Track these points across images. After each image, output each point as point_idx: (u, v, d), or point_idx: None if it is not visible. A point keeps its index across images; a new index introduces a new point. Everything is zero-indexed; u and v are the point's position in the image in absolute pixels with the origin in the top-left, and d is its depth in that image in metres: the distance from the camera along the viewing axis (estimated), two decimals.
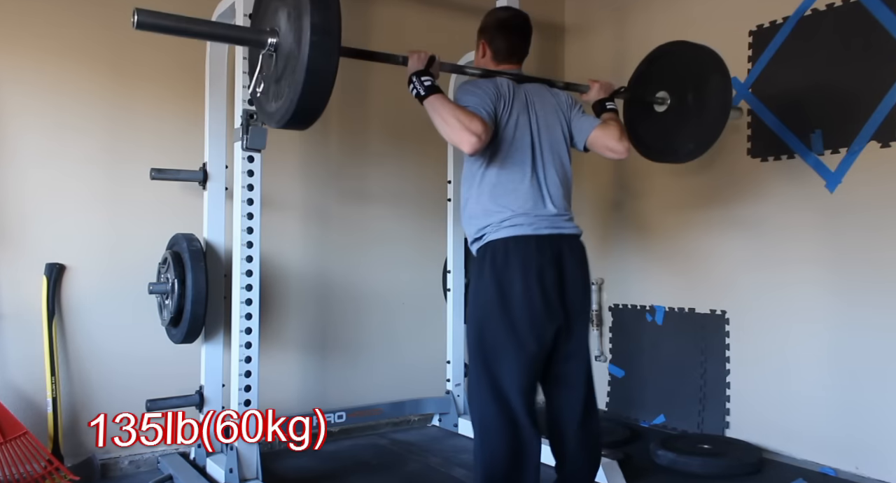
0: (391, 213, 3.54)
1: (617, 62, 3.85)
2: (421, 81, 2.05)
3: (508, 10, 2.40)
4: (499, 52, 2.28)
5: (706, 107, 2.53)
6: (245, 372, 2.42)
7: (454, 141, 1.95)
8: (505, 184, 2.08)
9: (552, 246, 2.06)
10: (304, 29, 1.57)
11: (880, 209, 2.71)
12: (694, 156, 2.61)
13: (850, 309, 2.79)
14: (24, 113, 2.66)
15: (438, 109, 1.98)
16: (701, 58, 2.58)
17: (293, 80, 1.64)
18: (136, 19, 1.60)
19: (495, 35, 2.28)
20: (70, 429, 2.69)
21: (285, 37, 1.71)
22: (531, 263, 2.01)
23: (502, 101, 2.09)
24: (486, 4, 3.20)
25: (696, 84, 2.56)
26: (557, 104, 2.25)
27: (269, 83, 1.81)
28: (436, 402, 3.35)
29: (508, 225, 2.05)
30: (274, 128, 1.86)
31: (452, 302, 3.36)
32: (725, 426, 3.20)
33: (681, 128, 2.57)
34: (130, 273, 2.80)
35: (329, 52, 1.59)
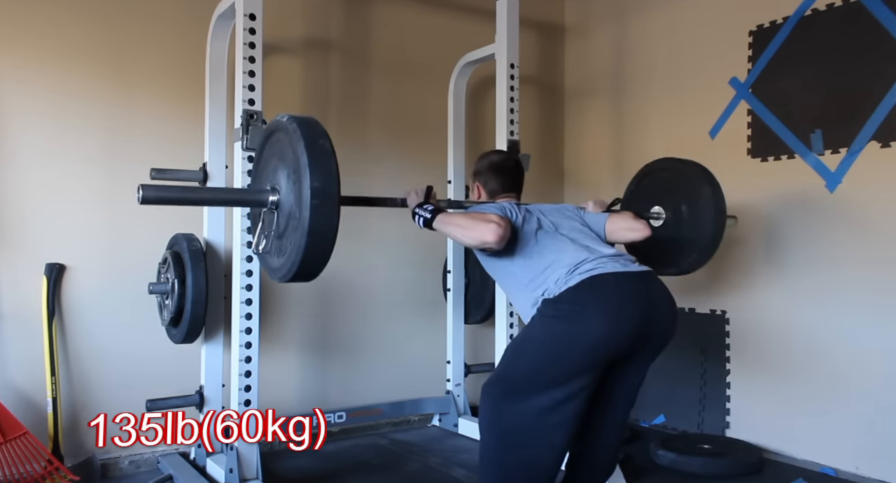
0: (391, 214, 3.54)
1: (617, 62, 3.85)
2: (424, 209, 2.08)
3: (500, 154, 2.46)
4: (494, 191, 2.33)
5: (702, 217, 2.52)
6: (245, 372, 2.42)
7: (478, 237, 1.89)
8: (550, 260, 1.95)
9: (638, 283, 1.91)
10: (304, 192, 1.62)
11: (880, 209, 2.71)
12: (698, 266, 2.58)
13: (850, 308, 2.79)
14: (24, 113, 2.66)
15: (450, 221, 1.99)
16: (689, 171, 2.58)
17: (295, 240, 1.68)
18: (140, 195, 1.63)
19: (489, 178, 2.33)
20: (70, 429, 2.69)
21: (286, 196, 1.75)
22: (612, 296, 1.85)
23: (510, 213, 2.07)
24: (486, 5, 3.22)
25: (688, 197, 2.56)
26: (564, 210, 2.25)
27: (271, 240, 1.86)
28: (436, 402, 3.35)
29: (579, 273, 1.88)
30: (278, 282, 1.91)
31: (452, 302, 3.36)
32: (725, 426, 3.20)
33: (680, 241, 2.56)
34: (130, 273, 2.80)
35: (330, 214, 1.64)
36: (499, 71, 3.07)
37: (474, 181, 2.39)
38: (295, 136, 1.67)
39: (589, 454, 2.09)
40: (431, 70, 3.57)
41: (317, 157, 1.64)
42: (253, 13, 2.40)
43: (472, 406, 3.43)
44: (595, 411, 1.99)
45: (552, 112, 4.15)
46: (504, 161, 2.38)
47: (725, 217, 2.54)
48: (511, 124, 3.02)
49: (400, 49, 3.55)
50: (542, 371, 1.85)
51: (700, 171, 2.56)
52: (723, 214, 2.52)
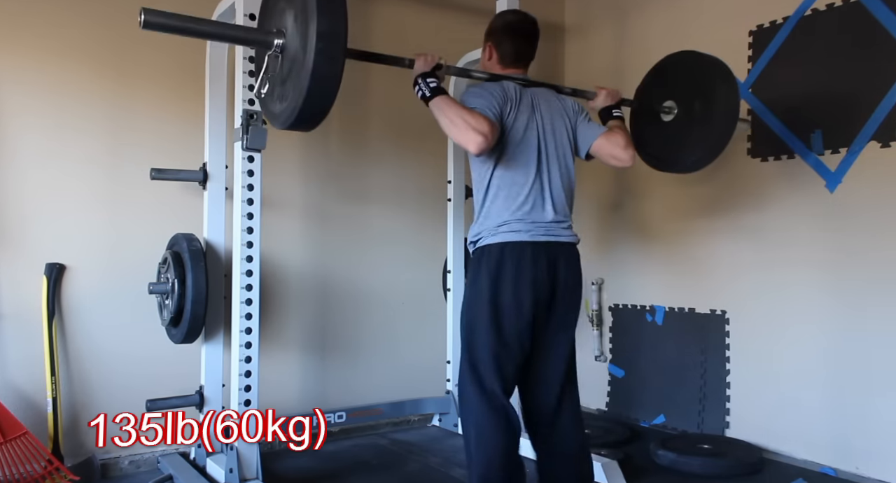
0: (391, 213, 3.54)
1: (617, 62, 3.85)
2: (427, 83, 2.06)
3: (517, 14, 2.37)
4: (505, 55, 2.28)
5: (714, 115, 2.51)
6: (245, 372, 2.42)
7: (461, 141, 1.95)
8: (507, 187, 2.08)
9: (547, 253, 2.06)
10: (310, 34, 1.58)
11: (880, 209, 2.71)
12: (702, 164, 2.59)
13: (850, 309, 2.79)
14: (24, 113, 2.66)
15: (444, 110, 1.98)
16: (707, 67, 2.57)
17: (298, 84, 1.64)
18: (142, 19, 1.60)
19: (503, 39, 2.27)
20: (70, 429, 2.69)
21: (292, 38, 1.71)
22: (525, 271, 2.02)
23: (509, 104, 2.09)
24: (487, 5, 3.21)
25: (703, 93, 2.54)
26: (563, 109, 2.24)
27: (274, 84, 1.81)
28: (436, 402, 3.35)
29: (505, 230, 2.05)
30: (278, 129, 1.86)
31: (452, 302, 3.35)
32: (725, 426, 3.20)
33: (688, 136, 2.55)
34: (130, 273, 2.80)
35: (334, 58, 1.60)
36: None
37: (486, 41, 2.32)
38: None
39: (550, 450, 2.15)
40: None
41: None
42: (253, 13, 2.40)
43: None
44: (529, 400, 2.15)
45: None
46: (520, 22, 2.30)
47: (737, 119, 2.51)
48: None
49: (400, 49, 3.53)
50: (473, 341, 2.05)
51: (718, 66, 2.52)
52: (734, 115, 2.49)
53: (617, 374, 3.75)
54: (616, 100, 2.42)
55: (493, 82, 2.18)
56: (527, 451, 2.17)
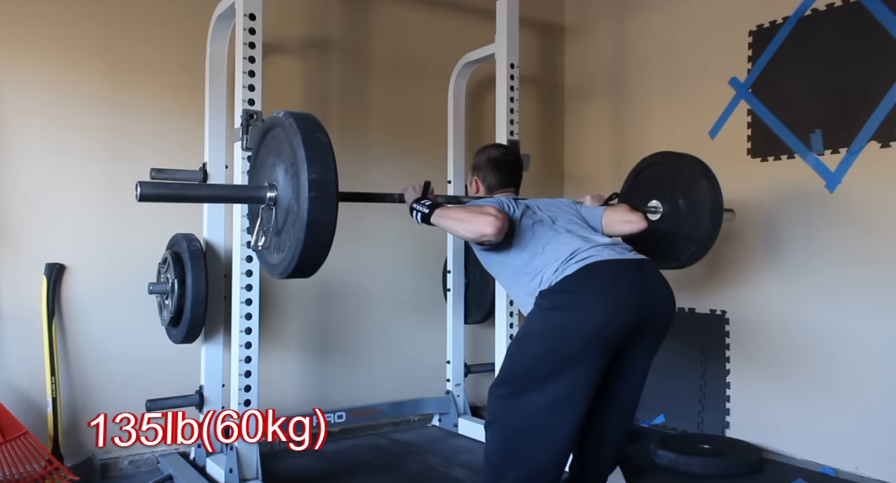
0: (391, 213, 3.54)
1: (617, 62, 3.85)
2: (422, 204, 2.09)
3: (499, 148, 2.45)
4: (492, 187, 2.34)
5: (699, 209, 2.51)
6: (245, 372, 2.43)
7: (476, 229, 1.90)
8: (544, 246, 1.96)
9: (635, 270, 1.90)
10: (301, 186, 1.62)
11: (880, 209, 2.71)
12: (695, 259, 2.57)
13: (850, 308, 2.79)
14: (24, 113, 2.66)
15: (448, 215, 2.00)
16: (685, 164, 2.58)
17: (294, 235, 1.68)
18: (138, 193, 1.64)
19: (488, 173, 2.34)
20: (70, 429, 2.69)
21: (284, 191, 1.76)
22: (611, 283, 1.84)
23: (507, 207, 2.08)
24: (486, 4, 3.22)
25: (685, 189, 2.55)
26: (562, 203, 2.26)
27: (270, 236, 1.86)
28: (436, 402, 3.35)
29: (574, 261, 1.87)
30: (277, 278, 1.90)
31: (452, 302, 3.36)
32: (725, 426, 3.20)
33: (678, 233, 2.55)
34: (130, 273, 2.80)
35: (328, 206, 1.64)
36: (499, 71, 3.07)
37: (472, 175, 2.38)
38: (291, 131, 1.68)
39: (595, 452, 2.06)
40: (431, 70, 3.57)
41: (314, 150, 1.65)
42: (253, 13, 2.40)
43: (472, 406, 3.44)
44: (599, 409, 1.96)
45: (552, 112, 4.15)
46: (503, 155, 2.38)
47: (723, 210, 2.54)
48: (511, 124, 3.02)
49: (400, 49, 3.55)
50: (543, 364, 1.83)
51: (696, 164, 2.55)
52: (720, 207, 2.51)
53: None
54: (601, 201, 2.46)
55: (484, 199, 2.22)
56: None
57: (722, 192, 2.51)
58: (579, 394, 1.82)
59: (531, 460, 1.84)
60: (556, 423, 1.82)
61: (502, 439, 1.89)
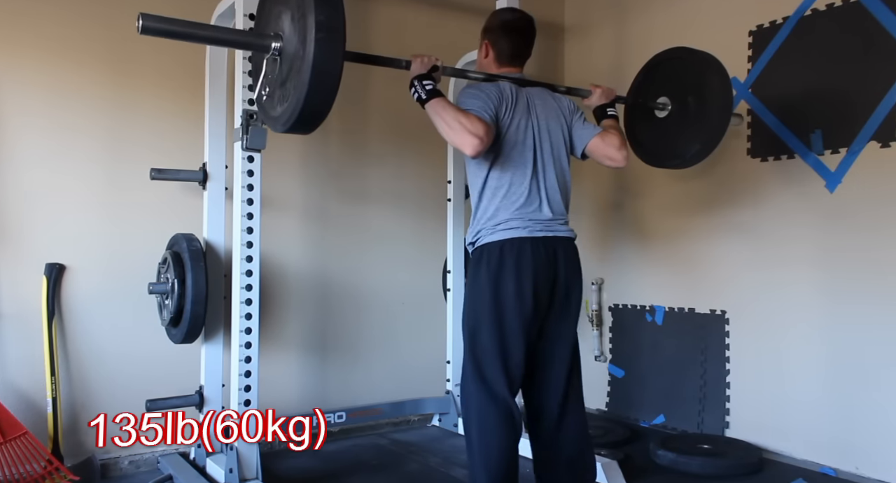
0: (391, 213, 3.54)
1: (617, 62, 3.85)
2: (423, 85, 2.06)
3: (514, 12, 2.38)
4: (502, 53, 2.28)
5: (708, 107, 2.54)
6: (245, 372, 2.42)
7: (456, 144, 1.97)
8: (505, 187, 2.11)
9: (546, 248, 2.08)
10: (308, 28, 1.57)
11: (880, 209, 2.71)
12: (699, 157, 2.61)
13: (850, 309, 2.79)
14: (24, 113, 2.66)
15: (440, 112, 1.99)
16: (699, 61, 2.59)
17: (299, 81, 1.63)
18: (140, 24, 1.60)
19: (500, 36, 2.28)
20: (70, 429, 2.69)
21: (289, 39, 1.71)
22: (526, 265, 2.04)
23: (504, 105, 2.10)
24: (486, 4, 3.21)
25: (696, 87, 2.57)
26: (559, 109, 2.26)
27: (273, 87, 1.81)
28: (436, 402, 3.35)
29: (503, 228, 2.08)
30: (279, 132, 1.86)
31: (452, 302, 3.35)
32: (725, 426, 3.20)
33: (684, 131, 2.58)
34: (130, 273, 2.80)
35: (335, 49, 1.59)
36: None
37: (483, 38, 2.33)
38: None
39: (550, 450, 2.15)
40: None
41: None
42: (253, 13, 2.40)
43: None
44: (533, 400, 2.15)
45: None
46: (517, 20, 2.31)
47: (731, 111, 2.53)
48: None
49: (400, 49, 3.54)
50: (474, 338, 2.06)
51: (710, 60, 2.55)
52: (729, 104, 2.51)
53: (617, 374, 3.75)
54: (611, 98, 2.45)
55: (489, 83, 2.18)
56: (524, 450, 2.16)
57: (732, 91, 2.51)
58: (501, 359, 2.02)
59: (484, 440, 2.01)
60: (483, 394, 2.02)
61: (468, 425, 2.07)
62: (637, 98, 2.73)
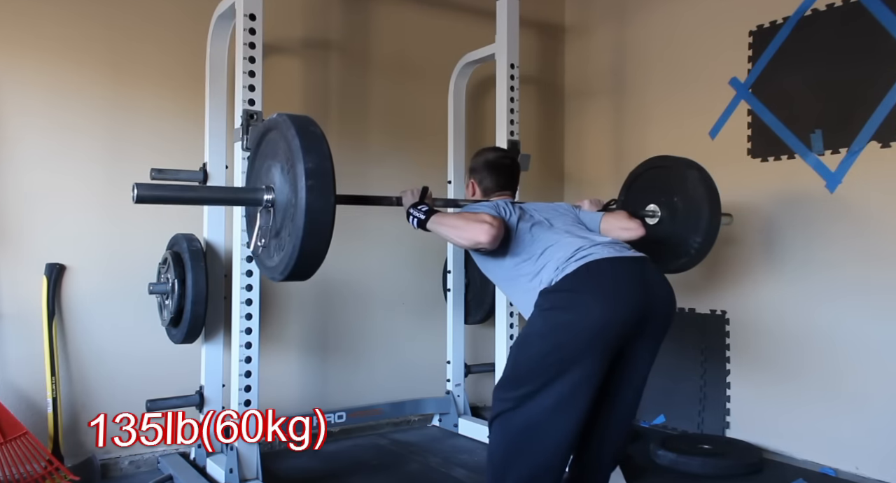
0: (391, 213, 3.53)
1: (617, 62, 3.85)
2: (418, 210, 2.08)
3: (496, 151, 2.45)
4: (488, 189, 2.34)
5: (697, 202, 2.52)
6: (245, 372, 2.43)
7: (471, 237, 1.90)
8: (543, 249, 1.96)
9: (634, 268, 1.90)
10: (298, 176, 1.63)
11: (880, 209, 2.71)
12: (694, 263, 2.57)
13: (850, 308, 2.79)
14: (24, 113, 2.66)
15: (443, 221, 2.00)
16: (683, 169, 2.59)
17: (293, 228, 1.68)
18: (135, 194, 1.63)
19: (484, 176, 2.34)
20: (70, 429, 2.69)
21: (281, 190, 1.76)
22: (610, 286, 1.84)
23: (504, 211, 2.07)
24: (486, 4, 3.22)
25: (682, 194, 2.56)
26: (559, 207, 2.26)
27: (268, 238, 1.86)
28: (436, 402, 3.35)
29: (574, 260, 1.87)
30: (276, 281, 1.88)
31: (452, 302, 3.36)
32: (725, 426, 3.20)
33: (680, 231, 2.56)
34: (130, 273, 2.80)
35: (326, 192, 1.65)
36: (499, 71, 3.07)
37: (469, 178, 2.38)
38: (286, 127, 1.70)
39: (596, 452, 2.06)
40: (431, 70, 3.57)
41: (309, 140, 1.66)
42: (253, 13, 2.41)
43: (472, 406, 3.44)
44: (601, 409, 1.96)
45: (552, 112, 4.15)
46: (500, 159, 2.37)
47: (720, 215, 2.54)
48: (511, 124, 3.02)
49: (400, 49, 3.55)
50: (545, 364, 1.82)
51: (694, 168, 2.56)
52: (717, 210, 2.52)
53: None
54: (600, 206, 2.47)
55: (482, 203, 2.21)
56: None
57: (719, 194, 2.52)
58: (581, 393, 1.81)
59: (532, 460, 1.85)
60: (558, 422, 1.82)
61: (505, 439, 1.89)
62: (626, 206, 2.71)
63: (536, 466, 1.85)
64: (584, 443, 2.02)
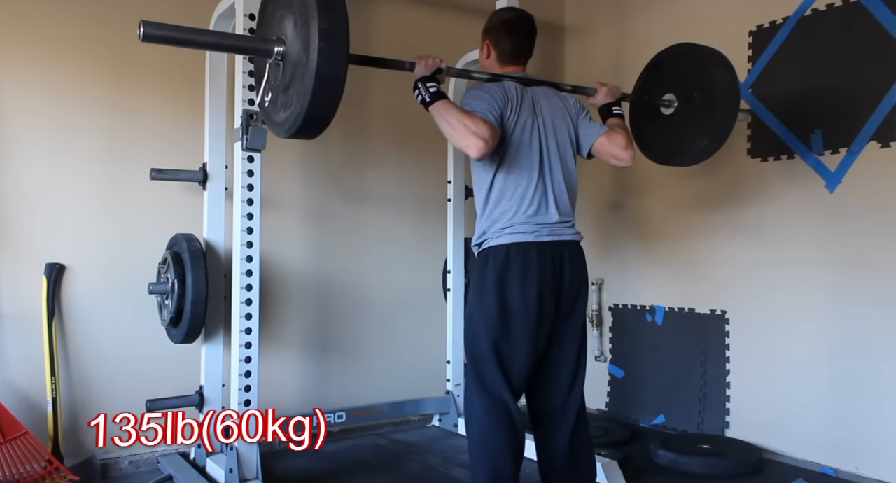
0: (391, 214, 3.54)
1: (617, 62, 3.85)
2: (426, 87, 2.05)
3: (513, 11, 2.37)
4: (504, 52, 2.27)
5: (715, 102, 2.52)
6: (245, 372, 2.42)
7: (461, 146, 1.95)
8: (511, 189, 2.08)
9: (552, 252, 2.06)
10: (311, 35, 1.56)
11: (880, 209, 2.71)
12: (708, 153, 2.57)
13: (850, 309, 2.79)
14: (24, 113, 2.66)
15: (444, 115, 1.98)
16: (703, 56, 2.59)
17: (302, 88, 1.62)
18: (141, 31, 1.60)
19: (500, 36, 2.26)
20: (70, 429, 2.69)
21: (292, 45, 1.70)
22: (532, 271, 2.02)
23: (510, 106, 2.09)
24: (487, 4, 3.21)
25: (701, 81, 2.56)
26: (565, 108, 2.24)
27: (276, 93, 1.80)
28: (436, 402, 3.35)
29: (510, 232, 2.06)
30: (283, 137, 1.84)
31: (452, 302, 3.35)
32: (725, 426, 3.20)
33: (691, 127, 2.56)
34: (130, 273, 2.80)
35: (338, 57, 1.58)
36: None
37: (484, 39, 2.31)
38: None
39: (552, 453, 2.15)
40: None
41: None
42: (253, 13, 2.40)
43: None
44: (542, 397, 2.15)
45: None
46: (518, 19, 2.30)
47: (738, 102, 2.52)
48: None
49: (400, 49, 3.54)
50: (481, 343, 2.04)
51: (713, 54, 2.54)
52: (736, 100, 2.50)
53: (617, 374, 3.75)
54: (616, 96, 2.43)
55: (493, 83, 2.17)
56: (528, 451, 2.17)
57: (739, 98, 2.51)
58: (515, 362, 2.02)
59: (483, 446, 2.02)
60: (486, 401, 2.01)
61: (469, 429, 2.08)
62: (642, 96, 2.71)
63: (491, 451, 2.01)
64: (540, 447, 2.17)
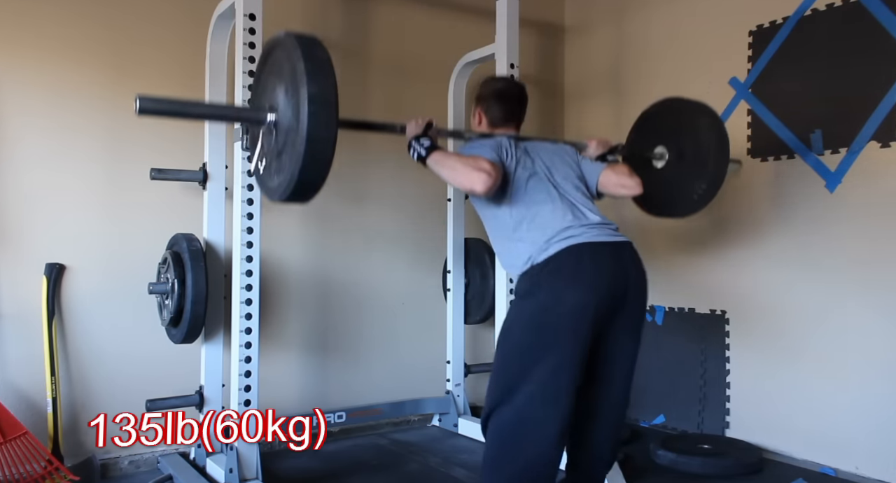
0: (391, 214, 3.54)
1: (617, 62, 3.85)
2: (420, 143, 2.08)
3: (505, 81, 2.43)
4: (496, 119, 2.30)
5: (706, 149, 2.52)
6: (245, 372, 2.43)
7: (466, 184, 1.94)
8: (535, 212, 2.03)
9: (611, 253, 1.98)
10: (301, 100, 1.59)
11: (880, 209, 2.71)
12: (708, 197, 2.55)
13: (850, 308, 2.79)
14: (24, 113, 2.66)
15: (443, 161, 2.00)
16: (690, 108, 2.60)
17: (293, 153, 1.65)
18: (137, 106, 1.62)
19: (492, 104, 2.31)
20: (70, 429, 2.69)
21: (283, 112, 1.73)
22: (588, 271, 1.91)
23: (506, 152, 2.09)
24: (486, 4, 3.22)
25: (691, 133, 2.56)
26: (564, 151, 2.26)
27: (270, 159, 1.84)
28: (436, 402, 3.35)
29: (557, 240, 1.95)
30: (276, 202, 1.85)
31: (452, 302, 3.36)
32: (725, 426, 3.20)
33: (685, 176, 2.56)
34: (130, 273, 2.80)
35: (328, 120, 1.61)
36: (499, 71, 3.07)
37: (476, 107, 2.34)
38: (291, 47, 1.66)
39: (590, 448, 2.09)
40: (431, 70, 3.57)
41: (314, 64, 1.61)
42: (253, 13, 2.41)
43: (472, 406, 3.44)
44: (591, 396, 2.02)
45: (552, 112, 4.14)
46: (508, 88, 2.34)
47: (728, 163, 2.53)
48: None
49: (400, 49, 3.55)
50: (526, 354, 1.89)
51: (707, 115, 2.56)
52: (725, 161, 2.51)
53: None
54: (607, 148, 2.43)
55: (486, 138, 2.20)
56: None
57: (729, 143, 2.51)
58: (563, 377, 1.86)
59: (526, 452, 1.87)
60: (546, 411, 1.86)
61: (500, 434, 1.92)
62: (633, 150, 2.71)
63: (530, 459, 1.87)
64: (578, 440, 2.06)
